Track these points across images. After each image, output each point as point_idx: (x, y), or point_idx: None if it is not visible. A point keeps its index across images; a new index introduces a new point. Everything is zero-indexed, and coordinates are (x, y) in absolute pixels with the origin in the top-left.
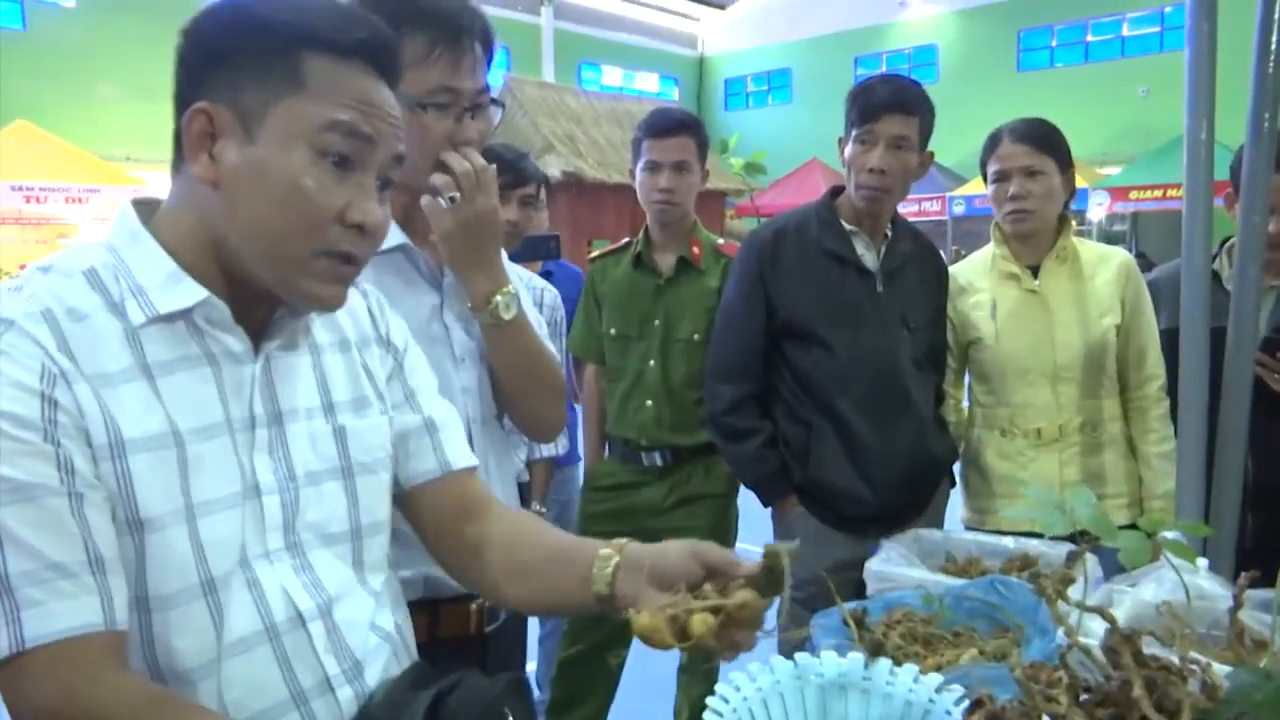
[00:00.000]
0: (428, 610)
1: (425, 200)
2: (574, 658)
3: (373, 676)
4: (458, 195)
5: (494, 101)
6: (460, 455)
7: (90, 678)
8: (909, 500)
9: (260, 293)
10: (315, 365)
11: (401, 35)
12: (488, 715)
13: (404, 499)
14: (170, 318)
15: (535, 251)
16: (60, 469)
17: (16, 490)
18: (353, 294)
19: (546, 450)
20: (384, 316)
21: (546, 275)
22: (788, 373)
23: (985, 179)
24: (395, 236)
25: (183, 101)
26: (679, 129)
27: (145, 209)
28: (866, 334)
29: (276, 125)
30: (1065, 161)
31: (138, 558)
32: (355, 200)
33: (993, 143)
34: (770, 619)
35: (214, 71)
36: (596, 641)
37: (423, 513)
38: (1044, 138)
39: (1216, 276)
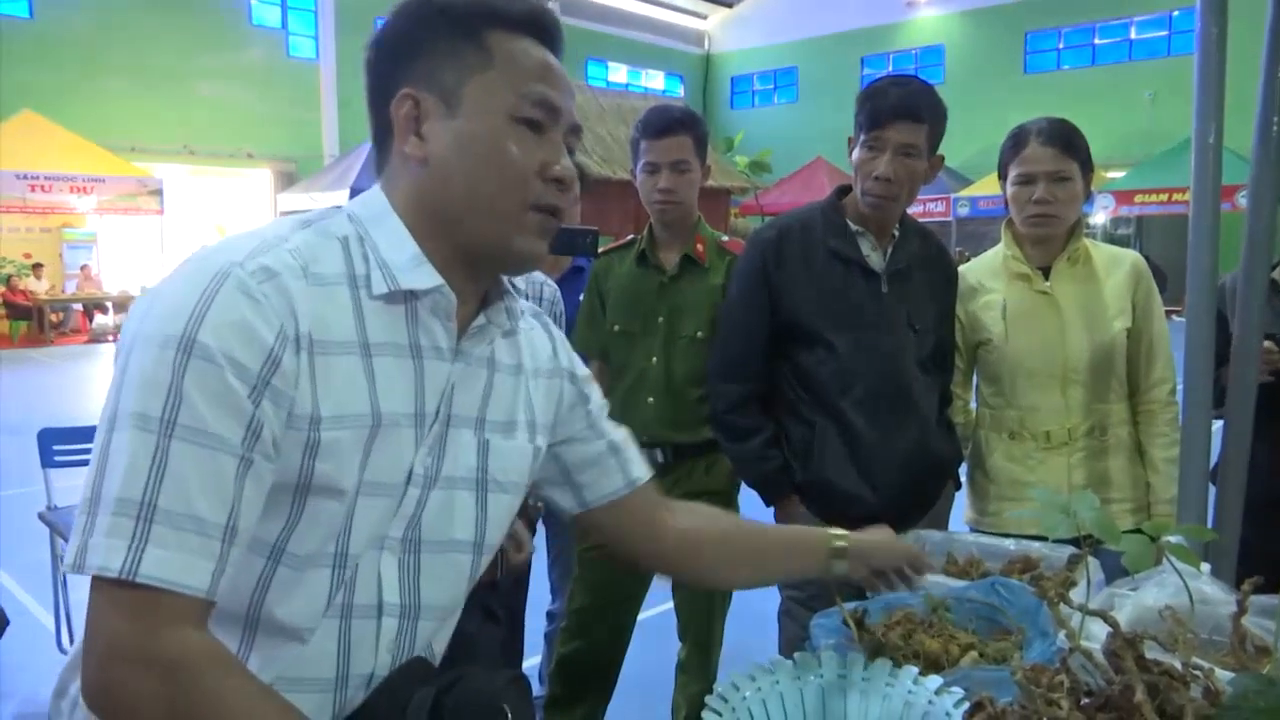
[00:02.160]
0: None
1: None
2: (573, 654)
3: None
4: None
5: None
6: (641, 469)
7: (168, 629)
8: (911, 502)
9: (467, 285)
10: (488, 380)
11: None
12: (488, 712)
13: (593, 514)
14: (402, 297)
15: (570, 246)
16: (248, 430)
17: (201, 434)
18: (538, 327)
19: None
20: (565, 351)
21: (578, 270)
22: (791, 372)
23: (1003, 177)
24: None
25: (381, 99)
26: (676, 128)
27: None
28: (870, 335)
29: (474, 99)
30: (1087, 164)
31: (292, 515)
32: (550, 157)
33: (1017, 143)
34: None
35: (410, 64)
36: (596, 638)
37: (616, 523)
38: (1070, 141)
39: (1275, 285)
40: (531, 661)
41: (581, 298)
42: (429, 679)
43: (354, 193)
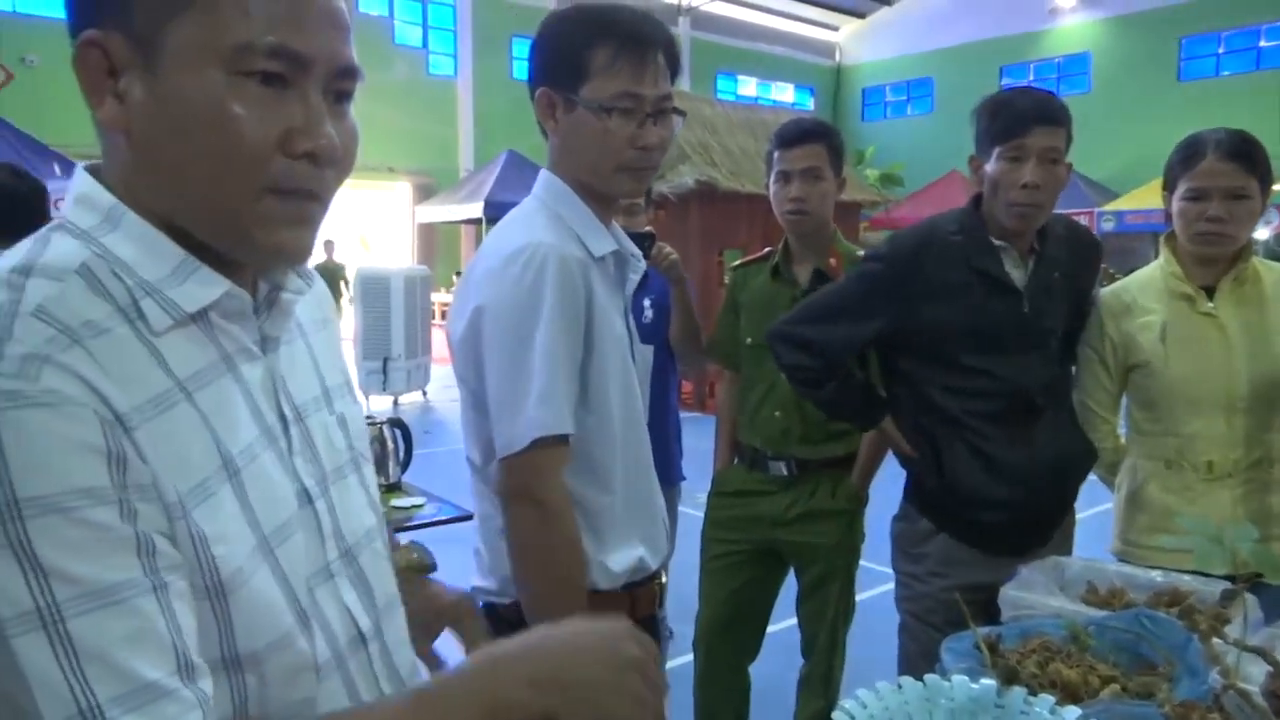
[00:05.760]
0: (628, 593)
1: None
2: (705, 670)
3: None
4: None
5: (675, 110)
6: None
7: None
8: (1050, 502)
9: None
10: (308, 348)
11: (590, 44)
12: None
13: None
14: (189, 319)
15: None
16: (141, 554)
17: (98, 596)
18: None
19: None
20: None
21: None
22: (913, 389)
23: (1169, 190)
24: (608, 241)
25: (76, 33)
26: (808, 137)
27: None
28: (1005, 358)
29: (177, 48)
30: (1267, 180)
31: (220, 620)
32: (300, 124)
33: (1191, 155)
34: None
35: None
36: (723, 654)
37: None
38: (1251, 155)
39: None
40: None
41: (645, 302)
42: None
43: (487, 205)
